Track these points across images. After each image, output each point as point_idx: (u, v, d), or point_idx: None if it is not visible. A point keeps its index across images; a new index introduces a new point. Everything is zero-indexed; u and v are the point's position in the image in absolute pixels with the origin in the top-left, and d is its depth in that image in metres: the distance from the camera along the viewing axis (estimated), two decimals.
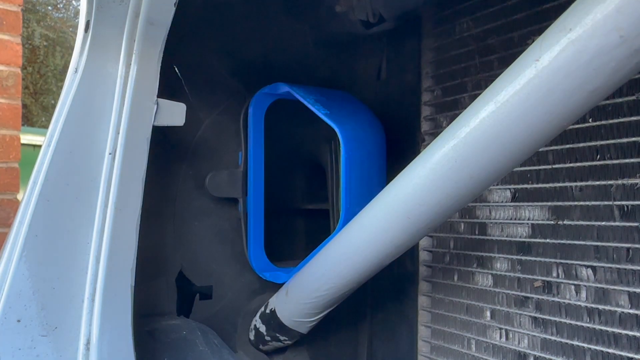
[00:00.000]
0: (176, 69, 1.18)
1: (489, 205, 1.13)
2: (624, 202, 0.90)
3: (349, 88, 1.39)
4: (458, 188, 0.84)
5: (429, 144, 0.90)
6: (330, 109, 1.18)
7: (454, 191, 0.85)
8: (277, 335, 1.24)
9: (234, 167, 1.27)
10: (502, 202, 1.10)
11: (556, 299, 0.99)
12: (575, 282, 0.96)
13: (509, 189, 1.09)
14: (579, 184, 0.96)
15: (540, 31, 0.76)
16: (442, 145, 0.84)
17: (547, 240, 1.01)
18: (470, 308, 1.17)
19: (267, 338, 1.26)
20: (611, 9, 0.64)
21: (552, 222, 1.00)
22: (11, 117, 1.95)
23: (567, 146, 0.98)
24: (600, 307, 0.92)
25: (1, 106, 1.92)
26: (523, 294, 1.05)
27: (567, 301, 0.97)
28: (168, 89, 1.02)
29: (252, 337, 1.29)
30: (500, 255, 1.10)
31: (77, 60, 0.94)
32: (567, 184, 0.98)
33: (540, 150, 0.98)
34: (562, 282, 0.98)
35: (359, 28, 1.32)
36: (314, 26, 1.37)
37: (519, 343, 1.06)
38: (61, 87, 0.93)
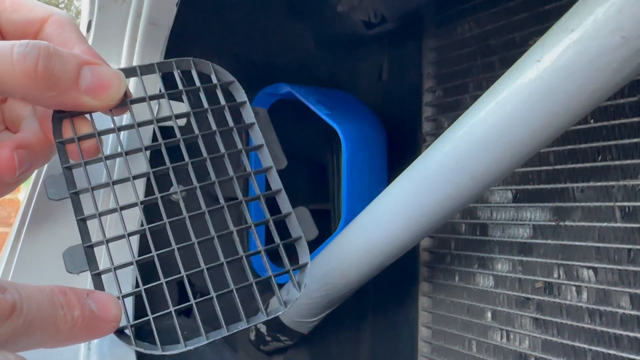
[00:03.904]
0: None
1: (490, 206, 1.13)
2: (625, 203, 0.89)
3: (350, 88, 1.39)
4: (459, 189, 0.84)
5: (430, 144, 0.90)
6: (332, 109, 1.18)
7: (455, 192, 0.85)
8: (278, 335, 1.24)
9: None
10: (503, 203, 1.10)
11: (557, 300, 0.99)
12: (577, 283, 0.96)
13: (510, 189, 1.09)
14: (580, 185, 0.96)
15: (541, 32, 0.76)
16: (444, 146, 0.84)
17: (548, 241, 1.01)
18: (471, 309, 1.16)
19: (268, 338, 1.26)
20: (613, 9, 0.64)
21: (553, 223, 1.00)
22: None
23: (569, 147, 0.98)
24: (602, 308, 0.91)
25: None
26: (524, 294, 1.05)
27: (568, 302, 0.97)
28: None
29: (252, 337, 1.29)
30: (502, 256, 1.10)
31: None
32: (569, 185, 0.98)
33: (541, 151, 0.98)
34: (563, 283, 0.98)
35: (361, 28, 1.32)
36: (316, 26, 1.37)
37: (520, 344, 1.06)
38: None
